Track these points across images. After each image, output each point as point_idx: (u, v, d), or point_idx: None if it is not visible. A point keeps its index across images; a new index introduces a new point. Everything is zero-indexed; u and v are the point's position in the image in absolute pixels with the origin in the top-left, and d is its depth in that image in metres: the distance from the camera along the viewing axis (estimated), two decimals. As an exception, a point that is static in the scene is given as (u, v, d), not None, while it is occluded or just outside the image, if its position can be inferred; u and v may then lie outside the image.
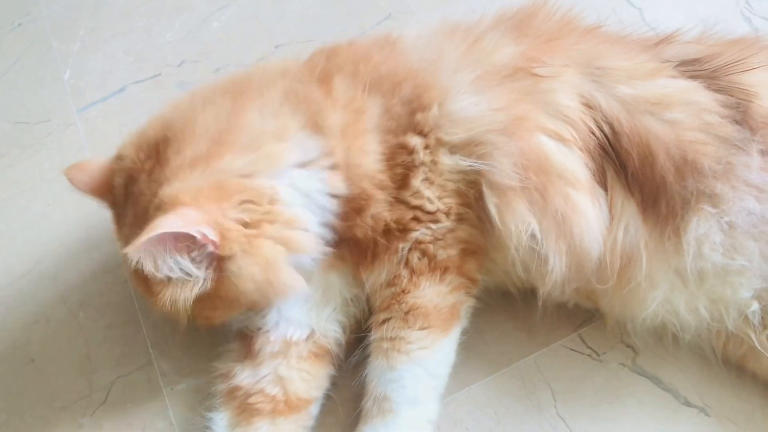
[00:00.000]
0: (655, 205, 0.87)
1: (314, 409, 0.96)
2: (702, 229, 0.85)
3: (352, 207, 0.89)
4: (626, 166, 0.88)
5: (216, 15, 1.46)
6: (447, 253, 0.92)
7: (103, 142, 0.98)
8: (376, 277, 0.93)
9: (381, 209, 0.90)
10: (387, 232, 0.91)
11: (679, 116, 0.87)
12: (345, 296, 0.97)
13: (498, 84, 0.90)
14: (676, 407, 0.94)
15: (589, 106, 0.90)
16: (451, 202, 0.91)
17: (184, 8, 1.49)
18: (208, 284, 0.82)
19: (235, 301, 0.85)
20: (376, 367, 0.91)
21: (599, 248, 0.87)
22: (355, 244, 0.92)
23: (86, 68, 1.41)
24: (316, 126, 0.90)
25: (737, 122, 0.87)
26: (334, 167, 0.89)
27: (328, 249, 0.91)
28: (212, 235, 0.79)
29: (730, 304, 0.88)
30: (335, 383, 0.99)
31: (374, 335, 0.93)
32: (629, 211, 0.88)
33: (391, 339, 0.91)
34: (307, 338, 0.96)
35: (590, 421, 0.95)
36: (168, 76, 1.39)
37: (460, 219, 0.91)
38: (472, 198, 0.90)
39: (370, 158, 0.89)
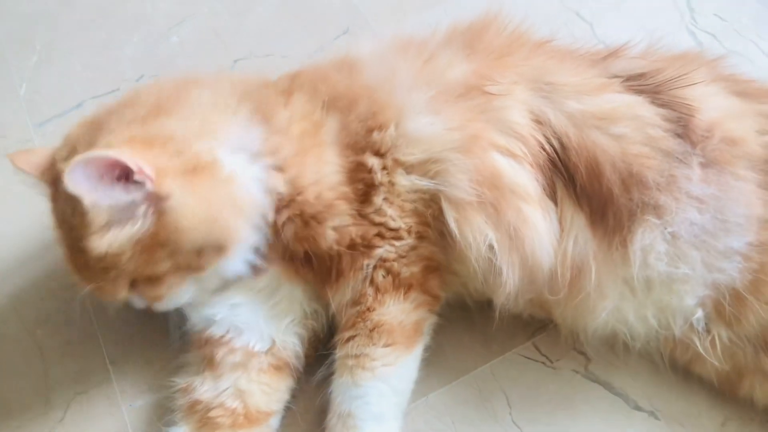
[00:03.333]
0: (603, 218, 0.89)
1: (275, 422, 0.97)
2: (647, 240, 0.88)
3: (311, 215, 0.90)
4: (575, 179, 0.91)
5: (174, 29, 1.46)
6: (410, 270, 0.94)
7: (60, 158, 0.99)
8: (341, 296, 0.94)
9: (346, 222, 0.91)
10: (352, 247, 0.92)
11: (624, 130, 0.90)
12: (305, 309, 0.99)
13: (452, 103, 0.92)
14: (627, 411, 0.98)
15: (539, 121, 0.92)
16: (410, 221, 0.92)
17: (143, 22, 1.49)
18: (148, 224, 0.83)
19: (178, 247, 0.85)
20: (340, 384, 0.93)
21: (550, 260, 0.89)
22: (319, 260, 0.93)
23: (43, 83, 1.40)
24: (264, 117, 0.92)
25: (679, 136, 0.90)
26: (277, 168, 0.90)
27: (292, 260, 0.93)
28: (148, 170, 0.80)
29: (676, 311, 0.91)
30: (295, 396, 1.00)
31: (339, 353, 0.94)
32: (578, 224, 0.90)
33: (356, 356, 0.92)
34: (267, 351, 0.96)
35: (545, 427, 0.97)
36: (126, 91, 1.38)
37: (421, 237, 0.93)
38: (429, 217, 0.92)
39: (330, 168, 0.91)
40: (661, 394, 0.98)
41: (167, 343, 1.04)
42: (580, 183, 0.90)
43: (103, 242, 0.82)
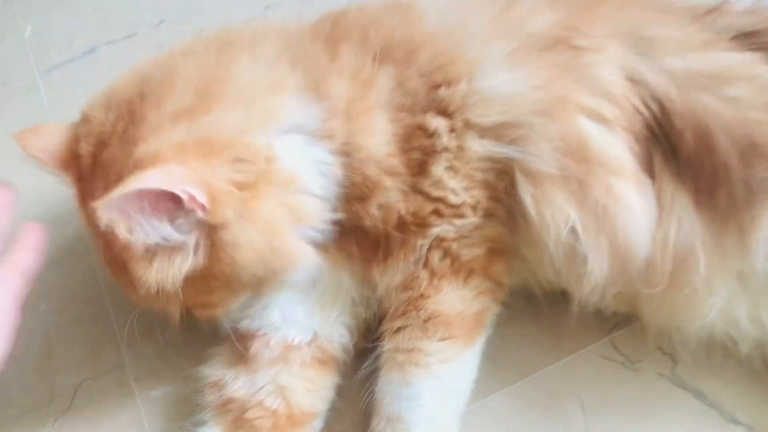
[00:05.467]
0: (713, 197, 0.75)
1: (318, 425, 0.85)
2: None
3: (354, 195, 0.77)
4: (678, 150, 0.76)
5: (199, -30, 1.31)
6: (473, 252, 0.80)
7: (70, 109, 0.84)
8: (389, 278, 0.81)
9: (392, 199, 0.77)
10: (402, 226, 0.78)
11: (740, 93, 0.75)
12: (353, 296, 0.85)
13: (535, 58, 0.78)
14: (721, 425, 0.84)
15: (634, 81, 0.78)
16: (478, 194, 0.78)
17: (163, -39, 1.33)
18: (200, 259, 0.69)
19: (235, 279, 0.72)
20: (389, 382, 0.80)
21: (647, 247, 0.76)
22: (363, 236, 0.79)
23: (51, 25, 1.25)
24: (317, 92, 0.76)
25: None
26: (334, 152, 0.76)
27: (334, 234, 0.79)
28: (201, 197, 0.65)
29: None
30: (340, 393, 0.87)
31: (387, 345, 0.81)
32: (682, 204, 0.76)
33: (408, 351, 0.79)
34: (310, 342, 0.84)
35: (624, 438, 0.85)
36: (144, 37, 1.23)
37: (488, 215, 0.80)
38: (501, 191, 0.79)
39: (378, 139, 0.77)
40: (762, 407, 0.84)
41: (191, 324, 0.91)
42: (686, 154, 0.76)
43: (148, 273, 0.69)
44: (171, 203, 0.66)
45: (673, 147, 0.77)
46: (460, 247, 0.80)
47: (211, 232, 0.68)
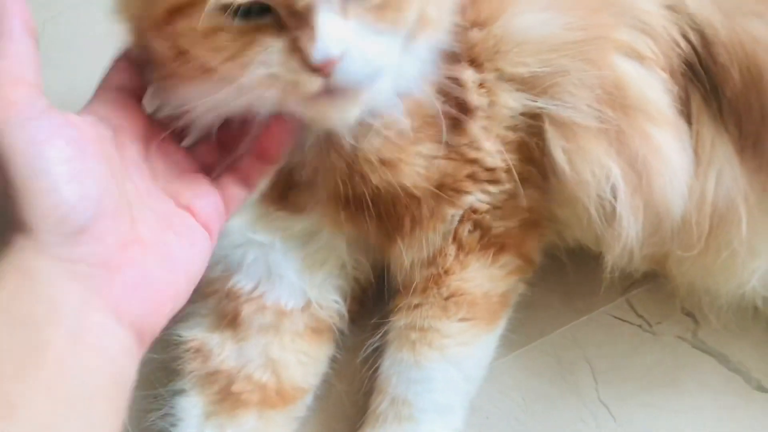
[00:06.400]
0: (759, 144, 0.65)
1: (309, 399, 0.77)
2: None
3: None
4: (721, 89, 0.66)
5: None
6: (505, 225, 0.71)
7: None
8: (416, 251, 0.71)
9: (435, 153, 0.67)
10: (438, 188, 0.68)
11: None
12: (344, 260, 0.76)
13: None
14: (746, 392, 0.77)
15: (672, 8, 0.67)
16: (512, 158, 0.68)
17: None
18: None
19: None
20: (398, 361, 0.71)
21: (683, 203, 0.66)
22: (389, 199, 0.69)
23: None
24: None
25: None
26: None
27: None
28: None
29: None
30: (332, 365, 0.79)
31: (400, 321, 0.72)
32: (723, 154, 0.66)
33: (423, 329, 0.71)
34: (303, 309, 0.75)
35: (640, 408, 0.77)
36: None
37: (523, 180, 0.70)
38: (537, 151, 0.68)
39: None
40: (791, 373, 0.78)
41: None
42: (730, 94, 0.65)
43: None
44: None
45: (714, 86, 0.66)
46: (493, 219, 0.71)
47: None
